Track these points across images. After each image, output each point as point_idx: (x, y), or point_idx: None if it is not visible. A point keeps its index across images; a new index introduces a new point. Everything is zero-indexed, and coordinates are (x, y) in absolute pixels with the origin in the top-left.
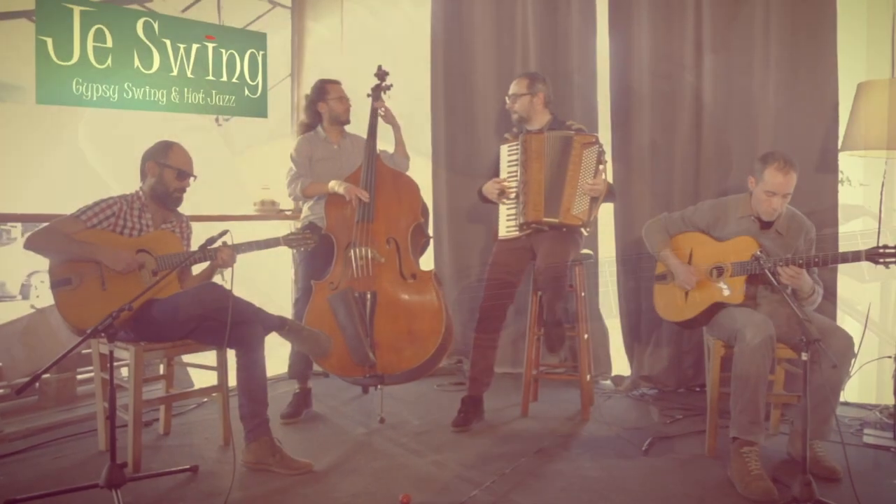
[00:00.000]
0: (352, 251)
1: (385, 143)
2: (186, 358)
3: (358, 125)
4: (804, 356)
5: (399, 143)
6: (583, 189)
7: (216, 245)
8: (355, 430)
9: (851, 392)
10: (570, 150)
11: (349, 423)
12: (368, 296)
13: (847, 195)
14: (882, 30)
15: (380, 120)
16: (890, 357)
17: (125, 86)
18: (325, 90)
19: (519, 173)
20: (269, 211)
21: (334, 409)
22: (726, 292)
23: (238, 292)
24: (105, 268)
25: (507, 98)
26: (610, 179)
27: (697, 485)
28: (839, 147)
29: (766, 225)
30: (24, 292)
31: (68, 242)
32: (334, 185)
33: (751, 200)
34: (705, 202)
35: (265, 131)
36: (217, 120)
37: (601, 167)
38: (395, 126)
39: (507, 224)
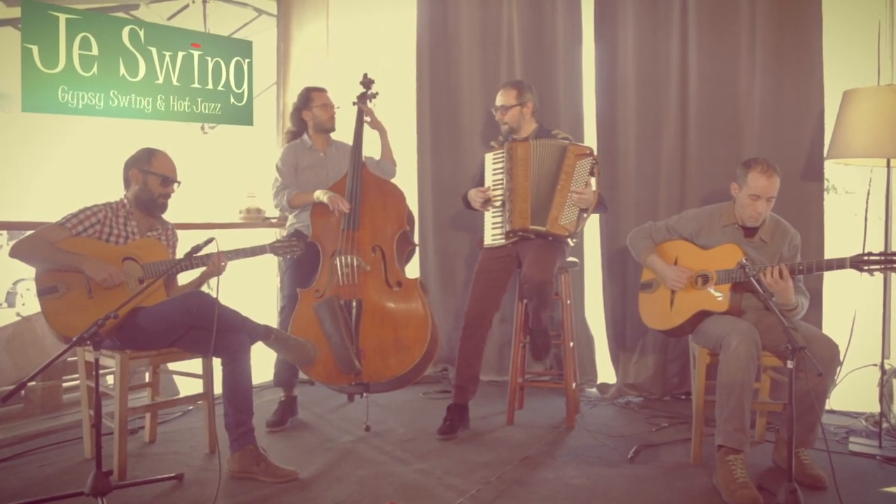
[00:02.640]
0: (337, 259)
1: (371, 151)
2: (172, 366)
3: (344, 133)
4: (790, 364)
5: (386, 148)
6: (572, 200)
7: (203, 253)
8: (341, 438)
9: (837, 400)
10: (564, 159)
11: (335, 431)
12: (354, 304)
13: (832, 203)
14: (868, 37)
15: (366, 127)
16: (875, 365)
17: (111, 94)
18: (309, 98)
19: (504, 181)
20: (254, 219)
21: (320, 417)
22: (712, 300)
23: (224, 300)
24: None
25: (494, 109)
26: (597, 190)
27: (683, 493)
28: (825, 155)
29: (750, 232)
30: (10, 300)
31: (54, 252)
32: (319, 195)
33: (734, 208)
34: (689, 211)
35: (251, 139)
36: (203, 128)
37: (592, 178)
38: (381, 131)
39: (492, 232)
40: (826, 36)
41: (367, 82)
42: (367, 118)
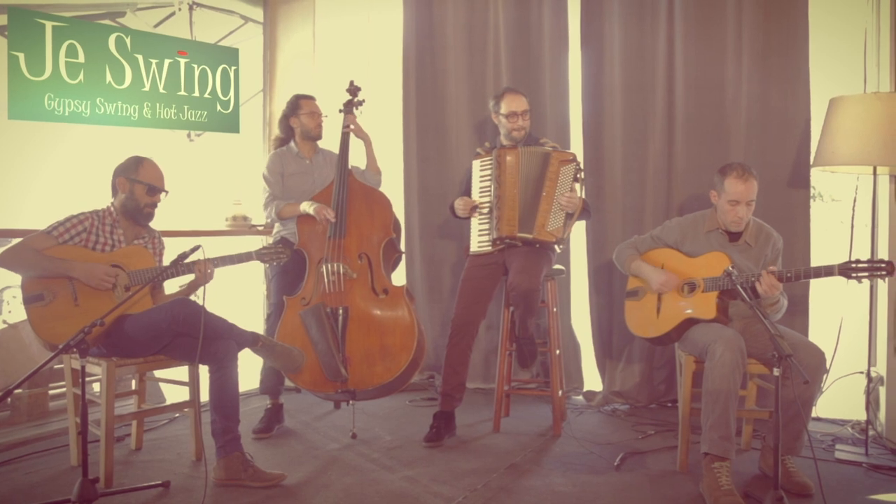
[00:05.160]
0: (324, 266)
1: (357, 159)
2: (158, 373)
3: (331, 140)
4: (776, 372)
5: (370, 157)
6: (558, 205)
7: (189, 260)
8: (327, 446)
9: (823, 408)
10: (548, 166)
11: (321, 439)
12: (340, 311)
13: (819, 210)
14: (854, 45)
15: (352, 136)
16: (861, 373)
17: (97, 101)
18: (298, 105)
19: (492, 188)
20: (240, 226)
21: (306, 425)
22: (698, 308)
23: (210, 308)
24: (77, 283)
25: (513, 115)
26: (583, 196)
27: (669, 500)
28: (811, 162)
29: (734, 237)
30: None
31: (41, 259)
32: (306, 207)
33: (716, 214)
34: (671, 220)
35: (237, 146)
36: (189, 135)
37: (577, 184)
38: (366, 141)
39: (479, 239)
40: (812, 43)
41: (353, 90)
42: (352, 127)
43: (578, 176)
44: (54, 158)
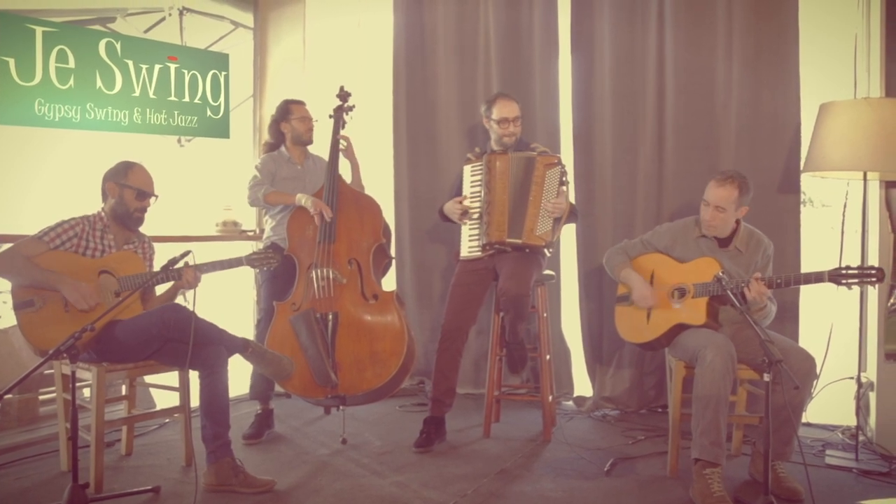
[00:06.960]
0: (314, 272)
1: (346, 165)
2: (149, 378)
3: (322, 145)
4: (766, 377)
5: (356, 182)
6: (546, 209)
7: (179, 265)
8: (317, 451)
9: (813, 413)
10: (533, 170)
11: (311, 444)
12: (330, 316)
13: (809, 216)
14: (844, 50)
15: (342, 141)
16: (852, 378)
17: (87, 106)
18: (288, 110)
19: (482, 193)
20: (231, 231)
21: (296, 430)
22: (688, 313)
23: (201, 313)
24: None
25: (504, 121)
26: (573, 200)
27: None
28: (801, 168)
29: (724, 242)
30: None
31: (30, 268)
32: (301, 198)
33: None
34: (662, 225)
35: (227, 152)
36: (179, 140)
37: (563, 188)
38: (353, 163)
39: (469, 244)
40: (803, 49)
41: (343, 95)
42: (343, 145)
43: (564, 179)
44: (50, 163)
